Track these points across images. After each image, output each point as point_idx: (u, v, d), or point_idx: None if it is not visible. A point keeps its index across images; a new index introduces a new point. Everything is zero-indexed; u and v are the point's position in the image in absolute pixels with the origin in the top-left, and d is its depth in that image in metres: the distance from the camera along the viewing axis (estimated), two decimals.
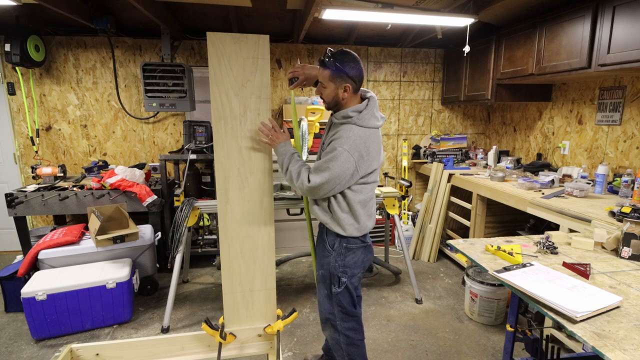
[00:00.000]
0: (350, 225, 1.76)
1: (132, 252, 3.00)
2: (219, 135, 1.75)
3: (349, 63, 1.65)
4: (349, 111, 1.69)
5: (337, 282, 1.81)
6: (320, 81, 1.74)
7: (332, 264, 1.81)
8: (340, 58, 1.66)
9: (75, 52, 3.70)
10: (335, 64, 1.64)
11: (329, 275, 1.83)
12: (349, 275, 1.81)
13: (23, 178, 3.86)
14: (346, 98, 1.71)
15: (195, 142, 3.22)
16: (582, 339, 1.09)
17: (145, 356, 1.99)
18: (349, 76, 1.66)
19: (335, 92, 1.71)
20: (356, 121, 1.68)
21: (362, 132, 1.68)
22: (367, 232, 1.85)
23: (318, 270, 1.91)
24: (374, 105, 1.75)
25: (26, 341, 2.54)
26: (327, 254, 1.83)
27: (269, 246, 1.93)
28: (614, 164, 2.90)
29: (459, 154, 4.23)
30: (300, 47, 4.05)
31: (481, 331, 2.68)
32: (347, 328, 1.87)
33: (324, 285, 1.87)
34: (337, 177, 1.64)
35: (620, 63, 2.29)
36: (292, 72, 1.86)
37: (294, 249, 3.94)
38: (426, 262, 3.87)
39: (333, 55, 1.67)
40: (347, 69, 1.65)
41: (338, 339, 1.90)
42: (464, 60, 3.86)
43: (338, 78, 1.67)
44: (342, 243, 1.79)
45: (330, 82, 1.69)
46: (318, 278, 1.91)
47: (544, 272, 1.47)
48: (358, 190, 1.74)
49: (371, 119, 1.72)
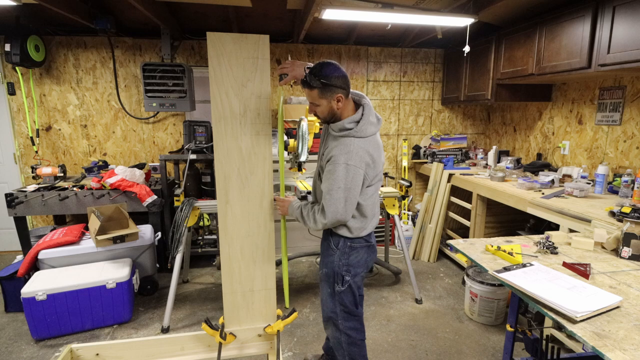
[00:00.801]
0: (357, 227, 1.79)
1: (132, 252, 3.00)
2: (219, 135, 1.75)
3: (332, 74, 1.61)
4: (346, 123, 1.67)
5: (341, 280, 1.81)
6: (311, 102, 1.71)
7: (336, 263, 1.81)
8: (322, 72, 1.61)
9: (75, 52, 3.70)
10: (320, 80, 1.60)
11: (333, 274, 1.83)
12: (352, 274, 1.82)
13: (23, 178, 3.86)
14: (341, 107, 1.69)
15: (195, 142, 3.22)
16: (582, 339, 1.09)
17: (145, 356, 1.99)
18: (337, 86, 1.63)
19: (330, 106, 1.68)
20: (355, 133, 1.67)
21: (362, 142, 1.67)
22: (371, 230, 1.86)
23: (322, 268, 1.91)
24: (370, 112, 1.73)
25: (26, 341, 2.55)
26: (332, 253, 1.83)
27: (269, 246, 1.93)
28: (614, 164, 2.90)
29: (459, 154, 4.23)
30: (300, 47, 4.05)
31: (481, 331, 2.68)
32: (348, 327, 1.88)
33: (327, 283, 1.87)
34: (353, 192, 1.66)
35: (620, 63, 2.29)
36: (282, 68, 1.79)
37: (294, 249, 3.94)
38: (426, 262, 3.87)
39: (314, 72, 1.62)
40: (333, 80, 1.61)
41: (339, 338, 1.90)
42: (464, 60, 3.86)
43: (328, 92, 1.64)
44: (347, 242, 1.80)
45: (321, 99, 1.66)
46: (321, 276, 1.91)
47: (544, 272, 1.47)
48: (364, 193, 1.76)
49: (369, 127, 1.70)
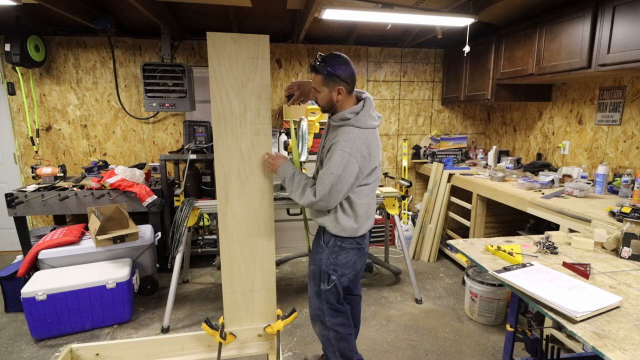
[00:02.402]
0: (350, 227, 1.79)
1: (132, 252, 3.00)
2: (219, 135, 1.75)
3: (339, 66, 1.67)
4: (346, 113, 1.71)
5: (327, 279, 1.83)
6: (314, 86, 1.75)
7: (324, 261, 1.82)
8: (331, 61, 1.67)
9: (75, 52, 3.70)
10: (327, 68, 1.66)
11: (320, 272, 1.84)
12: (339, 275, 1.82)
13: (23, 178, 3.86)
14: (340, 100, 1.72)
15: (195, 142, 3.22)
16: (582, 339, 1.09)
17: (145, 356, 1.99)
18: (340, 78, 1.68)
19: (329, 96, 1.72)
20: (354, 123, 1.70)
21: (361, 133, 1.69)
22: (365, 232, 1.86)
23: (310, 265, 1.93)
24: (370, 106, 1.76)
25: (26, 341, 2.54)
26: (321, 250, 1.85)
27: (269, 246, 1.93)
28: (614, 164, 2.90)
29: (459, 154, 4.23)
30: (300, 47, 4.05)
31: (481, 331, 2.68)
32: (336, 324, 1.90)
33: (314, 281, 1.90)
34: (343, 181, 1.65)
35: (620, 63, 2.29)
36: (289, 88, 1.90)
37: (294, 249, 3.94)
38: (426, 262, 3.87)
39: (323, 59, 1.68)
40: (339, 71, 1.66)
41: (328, 335, 1.92)
42: (464, 60, 3.86)
43: (330, 82, 1.69)
44: (337, 242, 1.81)
45: (324, 86, 1.71)
46: (310, 274, 1.93)
47: (544, 272, 1.47)
48: (359, 192, 1.76)
49: (368, 119, 1.73)
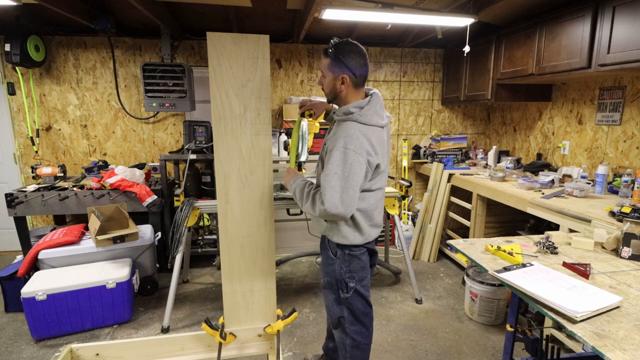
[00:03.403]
0: (353, 235, 1.70)
1: (132, 252, 3.00)
2: (219, 135, 1.75)
3: (349, 54, 1.59)
4: (350, 107, 1.60)
5: (345, 287, 1.74)
6: (321, 69, 1.69)
7: (337, 271, 1.73)
8: (342, 48, 1.60)
9: (75, 52, 3.70)
10: (336, 53, 1.59)
11: (335, 282, 1.75)
12: (357, 280, 1.74)
13: (23, 178, 3.86)
14: (344, 91, 1.64)
15: (195, 142, 3.22)
16: (582, 339, 1.09)
17: (145, 356, 1.99)
18: (347, 67, 1.59)
19: (333, 83, 1.64)
20: (357, 118, 1.58)
21: (364, 129, 1.57)
22: (371, 240, 1.77)
23: (323, 277, 1.83)
24: (378, 102, 1.64)
25: (26, 341, 2.54)
26: (331, 262, 1.75)
27: (269, 246, 1.93)
28: (614, 164, 2.90)
29: (459, 154, 4.23)
30: (300, 47, 4.05)
31: (481, 331, 2.68)
32: (354, 331, 1.82)
33: (331, 290, 1.79)
34: (350, 180, 1.52)
35: (620, 63, 2.29)
36: (302, 106, 1.87)
37: (294, 249, 3.94)
38: (426, 262, 3.87)
39: (336, 44, 1.61)
40: (347, 59, 1.59)
41: (344, 340, 1.84)
42: (464, 60, 3.86)
43: (336, 68, 1.61)
44: (345, 250, 1.72)
45: (329, 71, 1.64)
46: (324, 284, 1.83)
47: (544, 272, 1.47)
48: (360, 197, 1.63)
49: (374, 116, 1.61)
